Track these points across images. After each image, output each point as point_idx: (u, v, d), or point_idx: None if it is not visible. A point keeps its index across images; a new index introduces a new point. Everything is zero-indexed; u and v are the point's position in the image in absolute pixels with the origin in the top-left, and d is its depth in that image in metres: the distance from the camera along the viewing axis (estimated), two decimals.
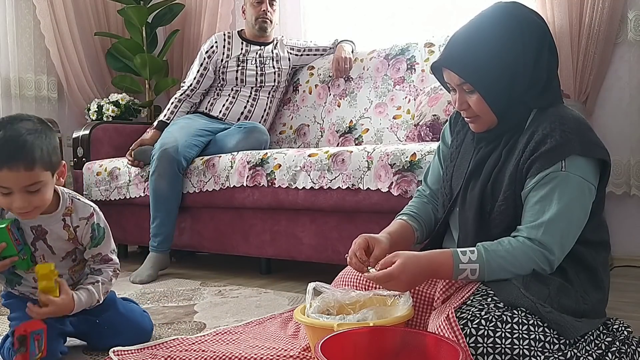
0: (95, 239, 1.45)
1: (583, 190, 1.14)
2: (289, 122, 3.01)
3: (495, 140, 1.24)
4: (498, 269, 1.12)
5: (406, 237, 1.37)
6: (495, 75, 1.16)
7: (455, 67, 1.19)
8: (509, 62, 1.16)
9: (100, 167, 2.96)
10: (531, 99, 1.18)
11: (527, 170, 1.15)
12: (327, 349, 0.98)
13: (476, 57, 1.17)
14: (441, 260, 1.14)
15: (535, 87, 1.18)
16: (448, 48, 1.22)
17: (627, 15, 2.39)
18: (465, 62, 1.18)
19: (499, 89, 1.17)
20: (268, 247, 2.38)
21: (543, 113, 1.18)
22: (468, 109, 1.22)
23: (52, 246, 1.43)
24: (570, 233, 1.14)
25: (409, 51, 2.68)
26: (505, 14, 1.19)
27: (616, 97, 2.46)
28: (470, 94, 1.20)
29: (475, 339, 1.03)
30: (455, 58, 1.19)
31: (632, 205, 2.45)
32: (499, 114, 1.20)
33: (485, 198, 1.21)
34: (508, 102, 1.18)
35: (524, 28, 1.17)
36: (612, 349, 1.10)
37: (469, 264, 1.12)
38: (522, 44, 1.16)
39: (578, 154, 1.12)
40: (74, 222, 1.43)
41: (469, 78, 1.18)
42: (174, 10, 3.66)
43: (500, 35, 1.16)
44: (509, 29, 1.17)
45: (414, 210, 1.43)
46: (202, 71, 2.87)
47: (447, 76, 1.23)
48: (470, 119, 1.25)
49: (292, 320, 1.63)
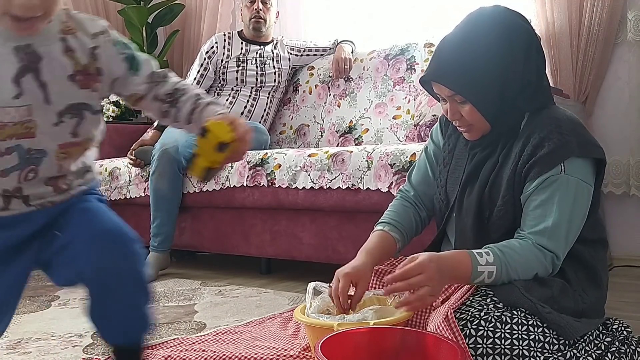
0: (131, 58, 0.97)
1: (582, 192, 1.14)
2: (289, 122, 3.01)
3: (490, 145, 1.24)
4: (512, 272, 1.10)
5: (387, 250, 1.33)
6: (485, 83, 1.15)
7: (444, 81, 1.17)
8: (499, 69, 1.15)
9: (101, 167, 2.96)
10: (523, 102, 1.18)
11: (526, 174, 1.15)
12: (327, 349, 0.98)
13: (465, 69, 1.15)
14: (460, 259, 1.10)
15: (526, 90, 1.17)
16: (435, 61, 1.20)
17: (626, 16, 2.39)
18: (455, 75, 1.16)
19: (490, 97, 1.16)
20: (268, 247, 2.38)
21: (537, 115, 1.18)
22: (461, 119, 1.21)
23: (46, 84, 0.88)
24: (571, 235, 1.14)
25: (409, 51, 2.68)
26: (491, 21, 1.17)
27: (616, 97, 2.47)
28: (462, 105, 1.18)
29: (475, 339, 1.03)
30: (444, 71, 1.18)
31: (632, 205, 2.46)
32: (492, 121, 1.19)
33: (483, 203, 1.21)
34: (500, 109, 1.17)
35: (511, 33, 1.16)
36: (611, 349, 1.10)
37: (487, 266, 1.09)
38: (510, 50, 1.15)
39: (576, 155, 1.12)
40: (83, 44, 0.91)
41: (459, 90, 1.16)
42: (174, 10, 3.66)
43: (488, 43, 1.15)
44: (497, 36, 1.15)
45: (395, 218, 1.38)
46: (202, 71, 2.87)
47: (436, 88, 1.21)
48: (464, 128, 1.24)
49: (292, 320, 1.63)
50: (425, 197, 1.41)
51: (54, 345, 1.55)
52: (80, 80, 0.91)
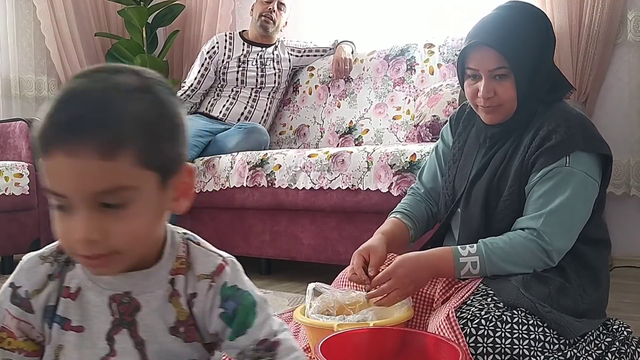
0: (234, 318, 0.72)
1: (586, 186, 1.14)
2: (289, 122, 3.01)
3: (503, 138, 1.24)
4: (498, 260, 1.12)
5: (400, 236, 1.35)
6: (529, 62, 1.17)
7: (501, 48, 1.16)
8: (538, 52, 1.18)
9: None
10: (545, 92, 1.20)
11: (532, 165, 1.15)
12: (327, 349, 0.98)
13: (518, 42, 1.16)
14: (441, 255, 1.15)
15: (550, 79, 1.20)
16: (485, 29, 1.18)
17: (626, 16, 2.39)
18: (509, 45, 1.16)
19: (528, 76, 1.17)
20: (268, 248, 2.38)
21: (548, 109, 1.19)
22: (493, 97, 1.19)
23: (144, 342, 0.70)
24: (573, 227, 1.14)
25: (409, 52, 2.68)
26: (529, 7, 1.22)
27: (616, 97, 2.46)
28: (502, 80, 1.18)
29: (475, 338, 1.03)
30: (500, 39, 1.16)
31: (632, 206, 2.45)
32: (521, 103, 1.19)
33: (491, 193, 1.21)
34: (529, 92, 1.18)
35: (548, 23, 1.21)
36: (611, 349, 1.10)
37: (469, 257, 1.13)
38: (547, 37, 1.19)
39: (582, 149, 1.13)
40: (189, 288, 0.71)
41: (512, 60, 1.15)
42: (174, 10, 3.66)
43: (534, 25, 1.19)
44: (539, 20, 1.20)
45: (407, 209, 1.41)
46: (203, 71, 2.87)
47: (478, 61, 1.18)
48: (490, 109, 1.21)
49: (292, 320, 1.63)
50: (436, 194, 1.43)
51: None
52: (184, 333, 0.71)
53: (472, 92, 1.22)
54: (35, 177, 2.76)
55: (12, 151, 2.90)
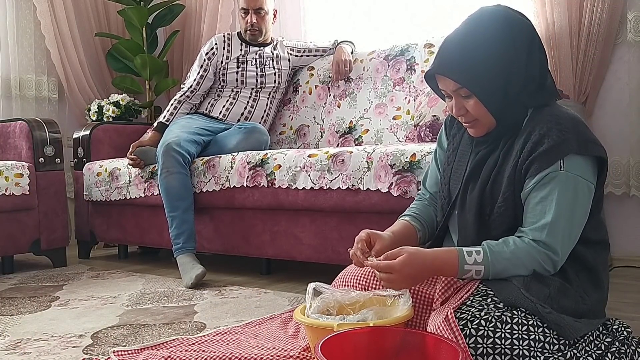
0: None
1: (582, 189, 1.14)
2: (289, 122, 3.01)
3: (494, 142, 1.25)
4: (502, 270, 1.13)
5: (409, 237, 1.38)
6: (490, 77, 1.16)
7: (450, 74, 1.19)
8: (503, 63, 1.16)
9: (101, 168, 2.96)
10: (527, 98, 1.19)
11: (526, 170, 1.15)
12: (327, 349, 0.98)
13: (470, 62, 1.17)
14: (446, 259, 1.15)
15: (529, 85, 1.18)
16: (440, 55, 1.22)
17: (626, 16, 2.39)
18: (459, 68, 1.18)
19: (495, 91, 1.17)
20: (268, 248, 2.38)
21: (539, 113, 1.19)
22: (466, 114, 1.22)
23: None
24: (572, 233, 1.14)
25: (409, 52, 2.68)
26: (494, 17, 1.20)
27: (616, 97, 2.47)
28: (467, 99, 1.20)
29: (475, 339, 1.03)
30: (449, 64, 1.19)
31: (632, 206, 2.45)
32: (497, 116, 1.20)
33: (484, 200, 1.21)
34: (505, 103, 1.18)
35: (513, 29, 1.18)
36: (611, 349, 1.10)
37: (474, 265, 1.13)
38: (513, 44, 1.17)
39: (575, 152, 1.12)
40: None
41: (465, 83, 1.17)
42: (174, 11, 3.66)
43: (492, 37, 1.17)
44: (500, 31, 1.17)
45: (416, 212, 1.44)
46: (202, 73, 2.87)
47: (441, 84, 1.23)
48: (469, 124, 1.25)
49: (292, 320, 1.63)
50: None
51: (53, 345, 1.55)
52: None
53: (450, 109, 1.25)
54: (35, 177, 2.77)
55: (12, 151, 2.90)
